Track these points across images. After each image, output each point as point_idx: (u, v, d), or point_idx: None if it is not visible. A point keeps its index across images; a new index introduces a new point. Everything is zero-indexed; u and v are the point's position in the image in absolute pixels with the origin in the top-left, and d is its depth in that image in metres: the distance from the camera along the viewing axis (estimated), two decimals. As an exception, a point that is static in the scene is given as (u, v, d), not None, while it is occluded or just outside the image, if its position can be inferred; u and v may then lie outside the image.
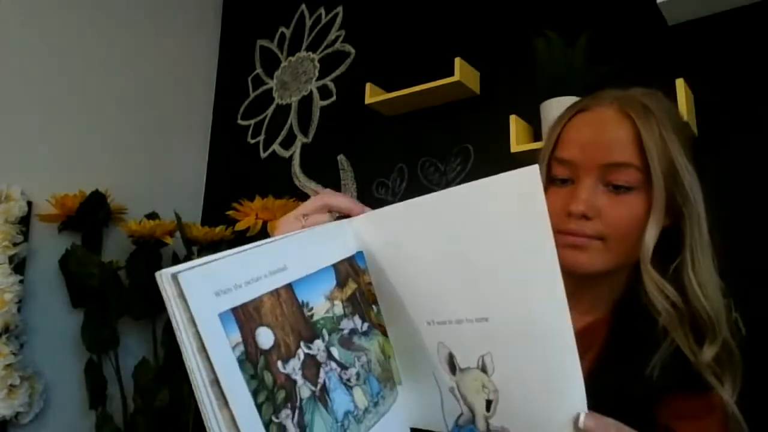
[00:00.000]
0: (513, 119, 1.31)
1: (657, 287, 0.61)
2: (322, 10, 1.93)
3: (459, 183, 1.47)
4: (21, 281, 1.43)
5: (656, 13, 1.21)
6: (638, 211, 0.61)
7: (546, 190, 0.67)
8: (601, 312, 0.69)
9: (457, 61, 1.44)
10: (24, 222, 1.49)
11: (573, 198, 0.63)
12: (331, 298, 0.45)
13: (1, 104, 1.53)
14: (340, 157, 1.76)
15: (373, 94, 1.58)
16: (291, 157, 1.88)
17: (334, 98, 1.83)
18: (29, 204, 1.51)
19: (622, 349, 0.63)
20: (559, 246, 0.63)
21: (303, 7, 1.99)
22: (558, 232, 0.64)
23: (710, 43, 1.19)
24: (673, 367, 0.59)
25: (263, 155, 1.95)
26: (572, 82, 1.19)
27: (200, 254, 1.65)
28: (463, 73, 1.44)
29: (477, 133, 1.49)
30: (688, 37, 1.22)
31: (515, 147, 1.29)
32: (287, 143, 1.90)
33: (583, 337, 0.68)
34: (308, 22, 1.97)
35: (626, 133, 0.62)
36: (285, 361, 0.39)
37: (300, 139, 1.87)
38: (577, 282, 0.67)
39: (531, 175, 0.40)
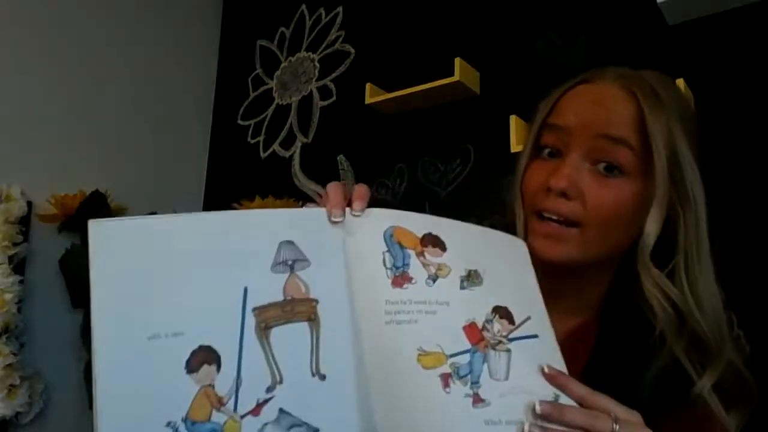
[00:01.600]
0: (513, 119, 1.31)
1: (656, 284, 0.55)
2: (322, 11, 1.93)
3: (459, 183, 1.49)
4: (21, 281, 1.43)
5: (656, 13, 1.21)
6: (624, 199, 0.55)
7: (530, 162, 0.62)
8: (587, 313, 0.63)
9: (457, 61, 1.44)
10: (24, 222, 1.49)
11: (555, 173, 0.56)
12: None
13: (1, 104, 1.53)
14: (340, 157, 1.76)
15: (373, 94, 1.58)
16: (291, 157, 1.87)
17: (334, 98, 1.83)
18: (29, 204, 1.51)
19: (613, 357, 0.57)
20: (534, 235, 0.58)
21: (303, 7, 1.99)
22: (534, 211, 0.59)
23: (710, 43, 1.19)
24: (674, 381, 0.53)
25: (263, 155, 1.95)
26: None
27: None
28: (463, 73, 1.44)
29: (477, 133, 1.49)
30: (688, 37, 1.22)
31: (515, 147, 1.29)
32: (287, 143, 1.90)
33: (569, 343, 0.59)
34: (308, 23, 1.97)
35: (628, 111, 0.56)
36: None
37: (300, 139, 1.87)
38: (557, 278, 0.60)
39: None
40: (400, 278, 0.48)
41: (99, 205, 1.60)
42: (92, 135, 1.72)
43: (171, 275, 0.43)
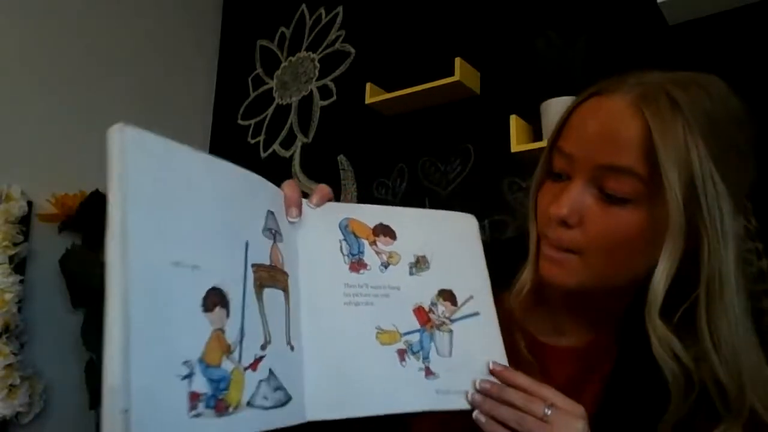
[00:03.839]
0: (513, 119, 1.31)
1: (665, 345, 0.49)
2: (322, 10, 1.93)
3: (459, 183, 1.49)
4: (21, 281, 1.43)
5: (656, 13, 1.21)
6: (629, 228, 0.50)
7: (543, 182, 0.59)
8: (608, 326, 0.60)
9: (457, 61, 1.44)
10: (24, 222, 1.49)
11: (556, 199, 0.53)
12: None
13: (2, 104, 1.53)
14: (340, 157, 1.76)
15: (373, 94, 1.58)
16: (291, 157, 1.88)
17: (334, 98, 1.83)
18: (29, 204, 1.51)
19: (629, 391, 0.54)
20: (541, 256, 0.57)
21: (303, 7, 1.99)
22: (542, 232, 0.57)
23: (710, 43, 1.19)
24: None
25: (263, 155, 1.95)
26: (572, 82, 1.19)
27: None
28: (463, 73, 1.44)
29: (477, 133, 1.49)
30: (688, 37, 1.22)
31: (515, 147, 1.29)
32: (287, 143, 1.90)
33: (588, 353, 0.59)
34: (308, 22, 1.97)
35: (635, 132, 0.49)
36: None
37: (300, 139, 1.87)
38: (574, 292, 0.59)
39: None
40: (357, 264, 0.53)
41: (99, 205, 1.59)
42: (92, 135, 1.71)
43: (193, 208, 0.40)
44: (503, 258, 0.63)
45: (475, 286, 0.56)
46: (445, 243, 0.57)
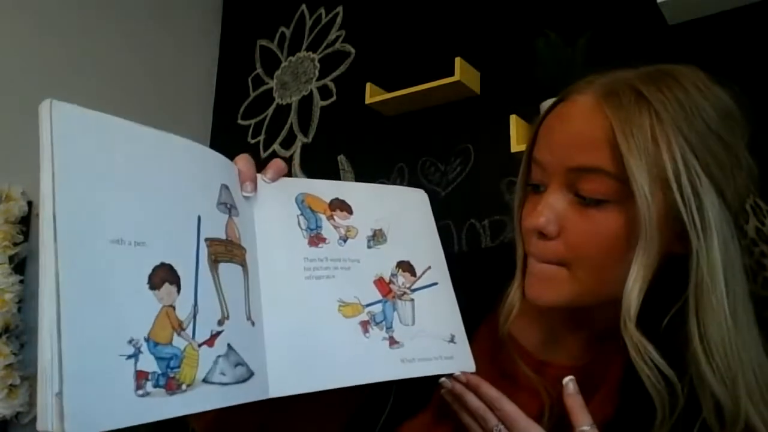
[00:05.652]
0: (513, 119, 1.31)
1: (643, 358, 0.45)
2: (322, 10, 1.93)
3: (459, 183, 1.49)
4: (21, 281, 1.43)
5: (656, 13, 1.21)
6: (610, 230, 0.47)
7: (525, 197, 0.56)
8: (615, 338, 0.52)
9: (457, 61, 1.44)
10: (24, 222, 1.49)
11: (533, 211, 0.51)
12: None
13: (2, 104, 1.53)
14: (340, 157, 1.76)
15: (373, 94, 1.58)
16: (291, 157, 1.88)
17: (334, 98, 1.83)
18: (29, 204, 1.51)
19: (637, 410, 0.50)
20: (527, 275, 0.53)
21: (303, 7, 1.99)
22: (527, 252, 0.54)
23: (710, 43, 1.19)
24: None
25: (263, 155, 1.95)
26: (572, 82, 1.18)
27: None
28: (463, 73, 1.44)
29: (477, 133, 1.49)
30: (688, 37, 1.22)
31: (515, 147, 1.29)
32: (287, 143, 1.90)
33: (597, 365, 0.56)
34: (308, 22, 1.97)
35: (599, 130, 0.47)
36: None
37: (300, 139, 1.87)
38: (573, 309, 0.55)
39: None
40: (315, 239, 0.53)
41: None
42: (92, 135, 1.72)
43: (134, 182, 0.39)
44: (494, 267, 0.61)
45: (431, 258, 0.57)
46: (400, 217, 0.58)
